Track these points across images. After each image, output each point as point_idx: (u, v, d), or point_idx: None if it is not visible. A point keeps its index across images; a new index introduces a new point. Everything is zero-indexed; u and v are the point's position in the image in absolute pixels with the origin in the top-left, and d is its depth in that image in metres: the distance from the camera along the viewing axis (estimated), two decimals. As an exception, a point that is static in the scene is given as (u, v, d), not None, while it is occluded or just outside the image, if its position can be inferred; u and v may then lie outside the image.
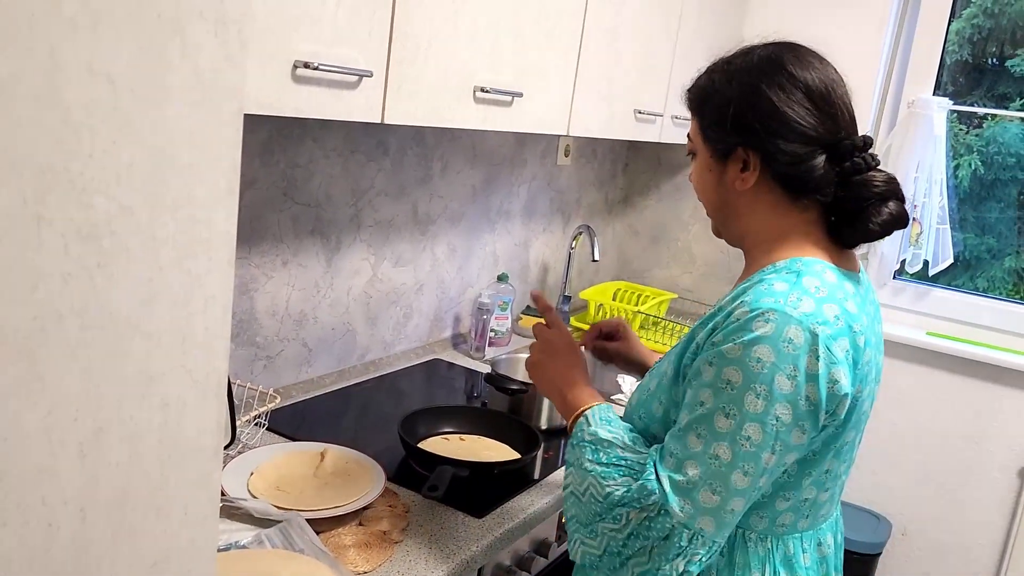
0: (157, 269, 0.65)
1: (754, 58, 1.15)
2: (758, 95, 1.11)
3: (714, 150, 1.18)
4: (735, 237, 1.23)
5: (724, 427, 1.03)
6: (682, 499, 1.04)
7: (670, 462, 1.06)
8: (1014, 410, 2.58)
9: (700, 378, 1.06)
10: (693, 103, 1.21)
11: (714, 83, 1.17)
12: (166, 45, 0.62)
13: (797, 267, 1.10)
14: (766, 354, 1.01)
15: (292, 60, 1.17)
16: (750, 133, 1.12)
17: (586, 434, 1.16)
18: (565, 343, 1.33)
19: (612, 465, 1.11)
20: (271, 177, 1.70)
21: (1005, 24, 2.64)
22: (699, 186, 1.23)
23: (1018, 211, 2.68)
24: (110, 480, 0.66)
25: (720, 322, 1.07)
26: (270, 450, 1.49)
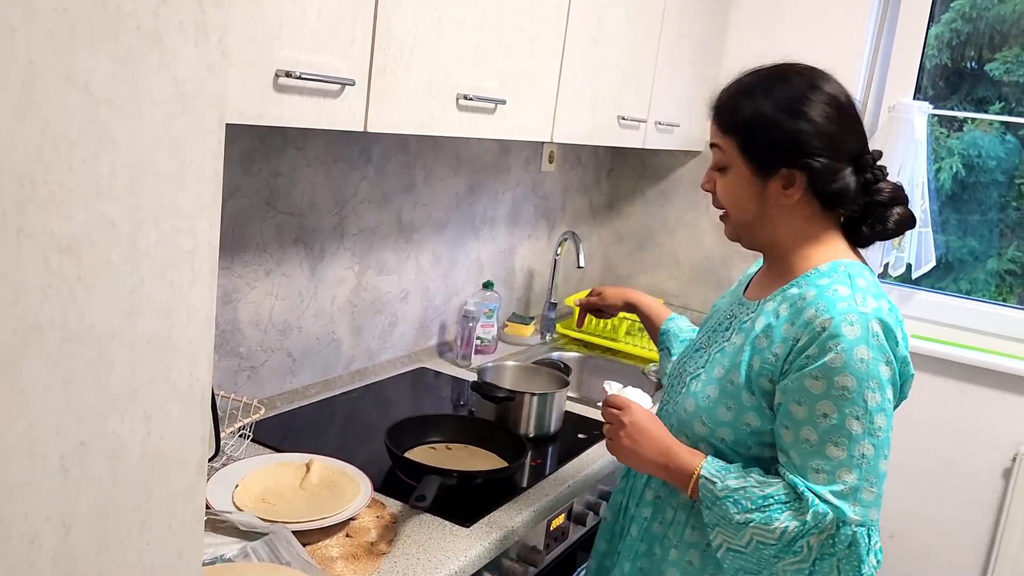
0: (139, 281, 0.65)
1: (793, 82, 1.22)
2: (806, 117, 1.20)
3: (756, 167, 1.23)
4: (762, 244, 1.30)
5: (858, 429, 1.13)
6: (851, 504, 1.14)
7: (821, 478, 1.15)
8: (998, 412, 2.59)
9: (809, 393, 1.14)
10: (732, 125, 1.25)
11: (759, 107, 1.21)
12: (145, 55, 0.61)
13: (842, 269, 1.21)
14: (865, 352, 1.12)
15: (274, 69, 1.17)
16: (798, 155, 1.20)
17: (716, 492, 1.20)
18: (640, 416, 1.31)
19: (763, 508, 1.16)
20: (253, 186, 1.69)
21: (983, 28, 2.66)
22: (732, 199, 1.27)
23: (999, 213, 2.71)
24: (93, 494, 0.65)
25: (798, 333, 1.16)
26: (255, 462, 1.48)
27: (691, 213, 2.97)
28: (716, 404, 1.25)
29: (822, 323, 1.14)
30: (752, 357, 1.22)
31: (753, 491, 1.18)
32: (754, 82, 1.25)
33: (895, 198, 1.25)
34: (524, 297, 2.77)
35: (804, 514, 1.14)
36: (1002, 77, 2.65)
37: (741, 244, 1.33)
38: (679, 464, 1.25)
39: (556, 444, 1.85)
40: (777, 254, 1.29)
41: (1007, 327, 2.63)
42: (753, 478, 1.19)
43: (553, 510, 1.60)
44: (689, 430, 1.29)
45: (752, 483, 1.18)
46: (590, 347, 2.66)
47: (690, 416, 1.29)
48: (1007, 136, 2.68)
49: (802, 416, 1.15)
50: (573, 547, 1.75)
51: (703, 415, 1.27)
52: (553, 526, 1.62)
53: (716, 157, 1.28)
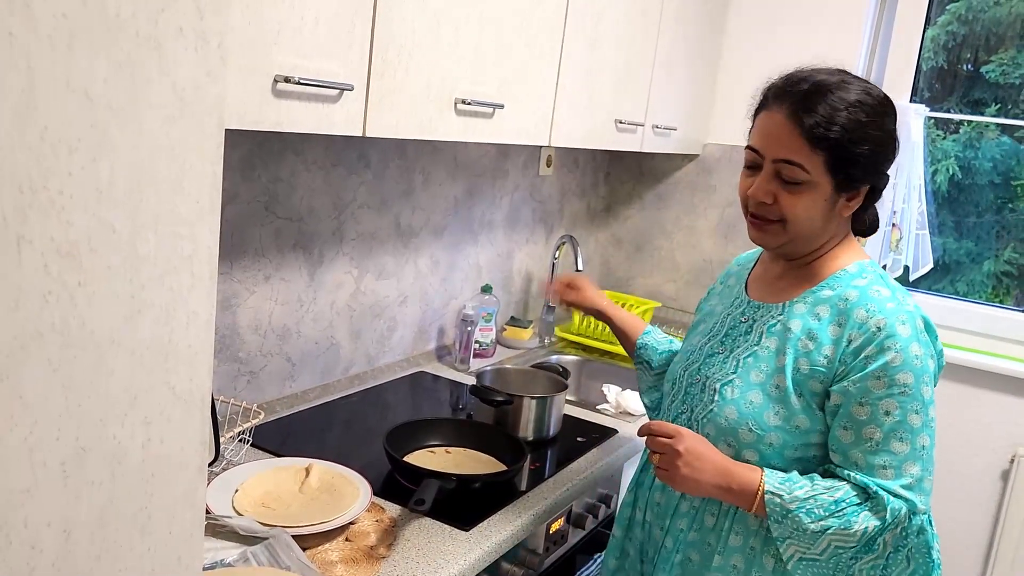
0: (139, 286, 0.65)
1: (877, 96, 1.23)
2: (893, 139, 1.24)
3: (840, 183, 1.22)
4: (807, 251, 1.30)
5: (918, 422, 1.18)
6: (918, 495, 1.19)
7: (888, 473, 1.19)
8: (995, 413, 2.60)
9: (871, 393, 1.18)
10: (825, 140, 1.18)
11: (860, 122, 1.19)
12: (144, 61, 0.62)
13: (871, 269, 1.26)
14: (918, 349, 1.18)
15: (272, 74, 1.17)
16: (881, 173, 1.26)
17: (786, 504, 1.20)
18: (694, 441, 1.27)
19: (838, 513, 1.18)
20: (252, 191, 1.69)
21: (979, 31, 2.67)
22: (805, 213, 1.23)
23: (995, 215, 2.71)
24: (93, 499, 0.65)
25: (851, 335, 1.19)
26: (255, 466, 1.48)
27: (689, 216, 2.97)
28: (762, 409, 1.25)
29: (876, 323, 1.18)
30: (797, 360, 1.24)
31: (823, 498, 1.19)
32: (842, 93, 1.19)
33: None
34: (522, 301, 2.77)
35: (882, 512, 1.17)
36: (998, 79, 2.66)
37: (781, 251, 1.30)
38: (741, 483, 1.23)
39: (555, 447, 1.85)
40: (811, 258, 1.30)
41: (1004, 329, 2.64)
42: (819, 484, 1.20)
43: (552, 513, 1.60)
44: (732, 438, 1.28)
45: (820, 490, 1.20)
46: (588, 350, 2.66)
47: (733, 424, 1.27)
48: (1003, 138, 2.68)
49: (864, 416, 1.18)
50: (572, 550, 1.75)
51: (749, 422, 1.26)
52: (552, 529, 1.62)
53: (792, 173, 1.21)
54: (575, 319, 2.73)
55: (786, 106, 1.21)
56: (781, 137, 1.21)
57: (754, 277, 1.41)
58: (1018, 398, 2.57)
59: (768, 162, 1.23)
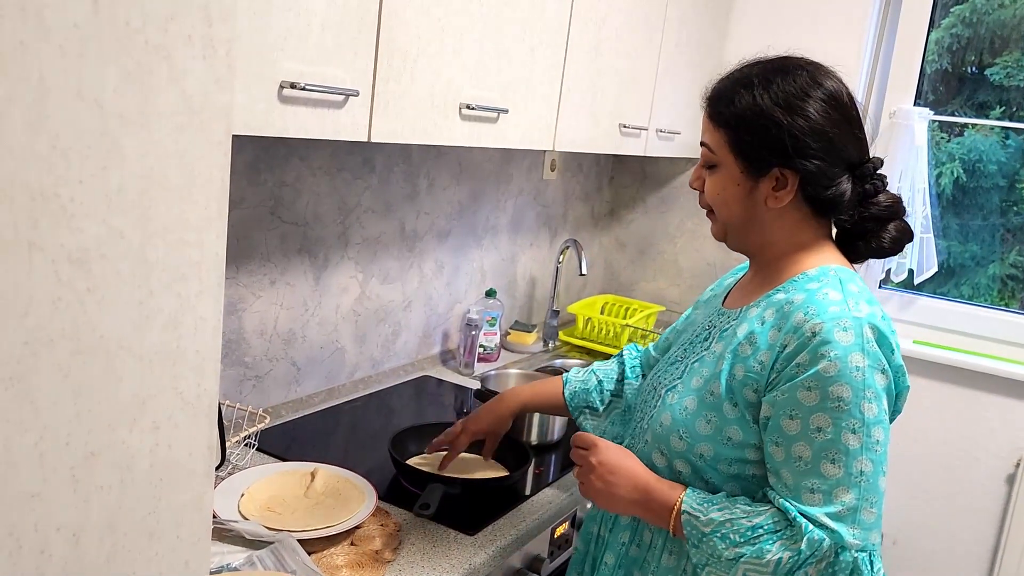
0: (148, 292, 0.66)
1: (795, 77, 1.14)
2: (804, 115, 1.12)
3: (747, 166, 1.15)
4: (750, 247, 1.23)
5: (855, 443, 1.04)
6: (849, 527, 1.05)
7: (816, 498, 1.05)
8: (1001, 417, 2.59)
9: (801, 405, 1.05)
10: (724, 117, 1.17)
11: (756, 100, 1.13)
12: (154, 70, 0.62)
13: (832, 274, 1.14)
14: (860, 360, 1.04)
15: (278, 80, 1.18)
16: (794, 155, 1.12)
17: (701, 527, 1.10)
18: (610, 453, 1.20)
19: (752, 540, 1.06)
20: (258, 196, 1.70)
21: (983, 33, 2.67)
22: (719, 198, 1.19)
23: (1000, 218, 2.71)
24: (102, 504, 0.66)
25: (786, 339, 1.08)
26: (260, 471, 1.49)
27: (692, 220, 2.97)
28: (695, 417, 1.16)
29: (812, 328, 1.06)
30: (734, 366, 1.14)
31: (741, 522, 1.08)
32: (752, 73, 1.16)
33: (893, 212, 1.18)
34: (526, 305, 2.77)
35: (797, 542, 1.04)
36: (1003, 82, 2.66)
37: (727, 245, 1.24)
38: (659, 500, 1.15)
39: (559, 452, 1.86)
40: (765, 259, 1.21)
41: (1010, 332, 2.63)
42: (739, 508, 1.09)
43: (557, 518, 1.61)
44: (665, 445, 1.19)
45: (739, 513, 1.09)
46: (592, 354, 2.66)
47: (666, 430, 1.19)
48: (1008, 140, 2.68)
49: (794, 431, 1.06)
50: (577, 554, 1.75)
51: (680, 429, 1.17)
52: (557, 534, 1.63)
53: (704, 154, 1.20)
54: (579, 323, 2.74)
55: (706, 91, 1.23)
56: (703, 121, 1.22)
57: (736, 286, 1.33)
58: (1022, 401, 2.56)
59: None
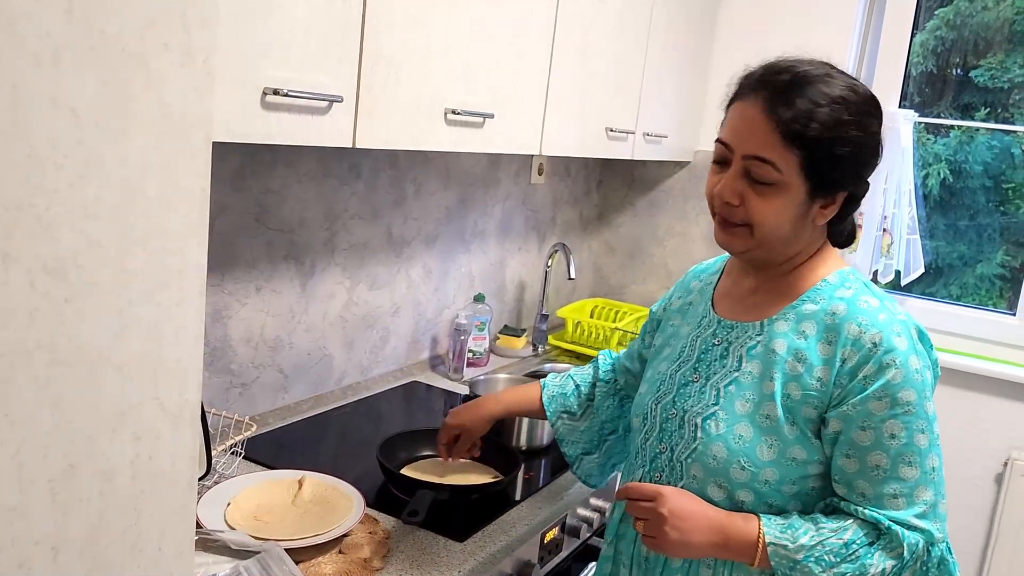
0: (127, 302, 0.65)
1: (863, 94, 1.11)
2: (877, 143, 1.12)
3: (816, 189, 1.10)
4: (778, 259, 1.18)
5: (925, 442, 1.09)
6: (933, 522, 1.09)
7: (899, 503, 1.08)
8: (989, 417, 2.60)
9: (873, 416, 1.07)
10: (802, 138, 1.07)
11: (842, 122, 1.07)
12: (131, 78, 0.62)
13: (851, 278, 1.16)
14: (916, 362, 1.08)
15: (261, 87, 1.17)
16: (861, 180, 1.13)
17: (791, 556, 1.07)
18: (677, 500, 1.13)
19: (849, 557, 1.06)
20: (243, 203, 1.69)
21: (968, 35, 2.69)
22: (775, 218, 1.11)
23: (987, 218, 2.72)
24: (82, 517, 0.65)
25: (845, 353, 1.08)
26: (247, 479, 1.48)
27: (681, 223, 2.98)
28: (754, 444, 1.12)
29: (871, 338, 1.07)
30: (787, 385, 1.11)
31: (831, 542, 1.06)
32: (824, 89, 1.07)
33: None
34: (515, 309, 2.77)
35: (897, 549, 1.06)
36: (987, 83, 2.67)
37: (747, 258, 1.19)
38: (738, 536, 1.10)
39: (549, 457, 1.85)
40: (786, 268, 1.18)
41: (998, 332, 2.65)
42: (825, 527, 1.08)
43: (547, 523, 1.60)
44: (723, 479, 1.14)
45: (826, 533, 1.07)
46: (582, 358, 2.66)
47: (723, 463, 1.13)
48: (993, 141, 2.70)
49: (868, 441, 1.07)
50: (568, 560, 1.75)
51: (741, 459, 1.12)
52: (547, 539, 1.62)
53: (761, 172, 1.09)
54: (568, 327, 2.73)
55: (762, 97, 1.08)
56: (754, 131, 1.08)
57: (722, 292, 1.27)
58: (1011, 401, 2.57)
59: (738, 158, 1.10)
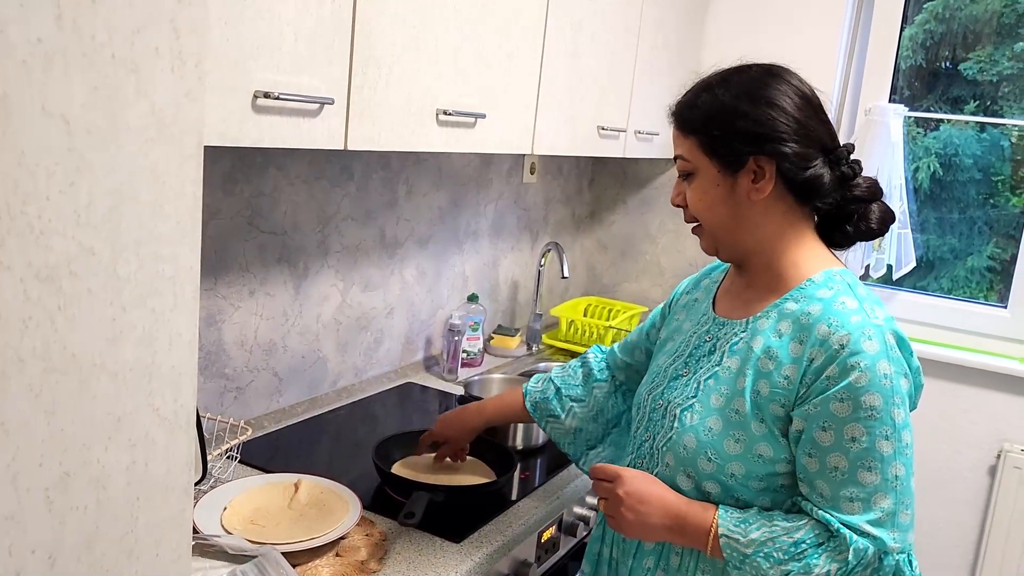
0: (120, 309, 0.65)
1: (752, 72, 1.17)
2: (769, 103, 1.14)
3: (723, 165, 1.16)
4: (743, 252, 1.21)
5: (889, 449, 1.07)
6: (890, 531, 1.07)
7: (855, 507, 1.07)
8: (981, 409, 2.62)
9: (835, 417, 1.07)
10: (691, 123, 1.19)
11: (718, 98, 1.16)
12: (122, 84, 0.61)
13: (838, 278, 1.15)
14: (887, 367, 1.06)
15: (252, 90, 1.17)
16: (764, 140, 1.13)
17: (742, 548, 1.10)
18: (636, 482, 1.19)
19: (797, 556, 1.07)
20: (235, 206, 1.69)
21: (956, 28, 2.70)
22: (702, 205, 1.19)
23: (978, 210, 2.73)
24: (79, 525, 0.65)
25: (812, 353, 1.08)
26: (243, 483, 1.47)
27: (673, 220, 2.98)
28: (722, 437, 1.14)
29: (839, 340, 1.07)
30: (757, 381, 1.13)
31: (782, 539, 1.08)
32: (710, 79, 1.20)
33: (874, 193, 1.19)
34: (509, 309, 2.77)
35: (843, 553, 1.06)
36: (976, 76, 2.68)
37: (719, 257, 1.24)
38: (694, 523, 1.14)
39: (544, 456, 1.85)
40: (761, 263, 1.20)
41: (989, 325, 2.66)
42: (778, 524, 1.10)
43: (543, 522, 1.60)
44: (692, 468, 1.17)
45: (779, 531, 1.09)
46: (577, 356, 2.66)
47: (692, 453, 1.17)
48: (983, 134, 2.71)
49: (829, 442, 1.07)
50: (564, 558, 1.75)
51: (708, 450, 1.15)
52: (544, 538, 1.62)
53: (680, 166, 1.21)
54: (562, 326, 2.74)
55: (671, 109, 1.24)
56: (673, 136, 1.23)
57: (722, 291, 1.30)
58: (1003, 393, 2.59)
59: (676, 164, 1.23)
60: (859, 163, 1.19)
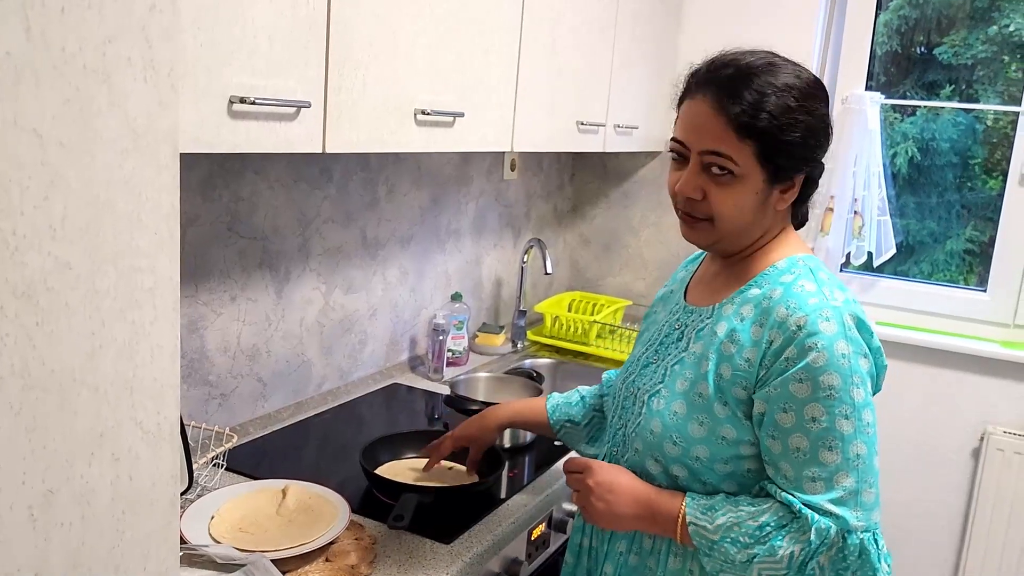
0: (99, 323, 0.64)
1: (807, 80, 1.14)
2: (825, 123, 1.15)
3: (773, 176, 1.13)
4: (740, 248, 1.21)
5: (849, 428, 1.07)
6: (853, 510, 1.07)
7: (817, 487, 1.08)
8: (964, 393, 2.64)
9: (795, 398, 1.07)
10: (753, 128, 1.10)
11: (787, 107, 1.10)
12: (94, 95, 0.61)
13: (801, 263, 1.17)
14: (844, 347, 1.07)
15: (228, 95, 1.16)
16: (815, 160, 1.16)
17: (709, 535, 1.11)
18: (605, 472, 1.22)
19: (762, 539, 1.08)
20: (214, 212, 1.68)
21: (930, 13, 2.71)
22: (734, 209, 1.14)
23: (955, 194, 2.76)
24: (64, 542, 0.64)
25: (771, 335, 1.09)
26: (230, 491, 1.46)
27: (655, 213, 2.98)
28: (686, 420, 1.16)
29: (797, 321, 1.07)
30: (719, 365, 1.14)
31: (747, 524, 1.09)
32: (769, 79, 1.11)
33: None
34: (493, 306, 2.77)
35: (806, 533, 1.06)
36: (951, 61, 2.70)
37: (714, 250, 1.23)
38: (662, 511, 1.16)
39: (532, 453, 1.85)
40: (744, 256, 1.21)
41: (969, 309, 2.68)
42: (743, 509, 1.11)
43: (533, 519, 1.60)
44: (659, 452, 1.19)
45: (744, 515, 1.10)
46: (562, 352, 2.67)
47: (658, 437, 1.18)
48: (959, 118, 2.73)
49: (789, 423, 1.08)
50: (555, 554, 1.75)
51: (673, 434, 1.17)
52: (534, 535, 1.62)
53: (718, 163, 1.12)
54: (547, 322, 2.74)
55: (711, 93, 1.12)
56: (707, 127, 1.12)
57: (695, 280, 1.32)
58: (984, 376, 2.61)
59: (695, 154, 1.14)
60: None
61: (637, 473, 1.23)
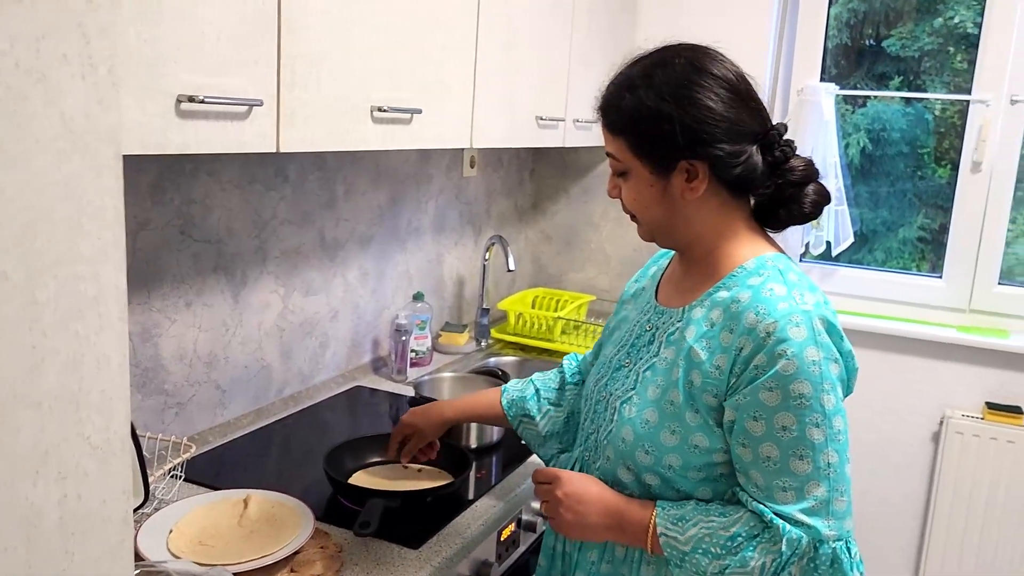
0: (40, 335, 0.61)
1: (676, 68, 1.13)
2: (696, 105, 1.10)
3: (654, 166, 1.14)
4: (679, 243, 1.21)
5: (820, 436, 1.06)
6: (824, 519, 1.06)
7: (788, 496, 1.07)
8: (923, 378, 2.68)
9: (765, 406, 1.06)
10: (618, 124, 1.16)
11: (642, 101, 1.12)
12: (27, 94, 0.57)
13: (770, 264, 1.14)
14: (815, 354, 1.05)
15: (175, 95, 1.12)
16: (696, 144, 1.11)
17: (680, 546, 1.10)
18: (574, 483, 1.21)
19: (734, 550, 1.07)
20: (165, 216, 1.63)
21: (879, 7, 2.75)
22: (637, 203, 1.18)
23: (907, 183, 2.79)
24: (8, 567, 0.61)
25: (741, 342, 1.07)
26: (189, 503, 1.42)
27: (616, 208, 2.97)
28: (658, 429, 1.14)
29: (766, 328, 1.06)
30: (690, 372, 1.12)
31: (719, 535, 1.08)
32: (633, 74, 1.15)
33: (807, 175, 1.17)
34: (456, 305, 2.74)
35: (777, 543, 1.05)
36: (899, 52, 2.74)
37: (662, 245, 1.25)
38: (633, 521, 1.15)
39: (500, 453, 1.83)
40: (698, 254, 1.20)
41: (925, 296, 2.72)
42: (714, 520, 1.10)
43: (502, 520, 1.58)
44: (631, 461, 1.17)
45: (715, 526, 1.09)
46: (526, 350, 2.65)
47: (630, 446, 1.17)
48: (908, 108, 2.76)
49: (760, 432, 1.06)
50: (525, 554, 1.73)
51: (645, 443, 1.15)
52: (503, 536, 1.60)
53: (612, 164, 1.19)
54: (510, 319, 2.72)
55: (597, 102, 1.21)
56: (602, 133, 1.21)
57: (665, 278, 1.30)
58: (941, 361, 2.65)
59: None
60: (791, 144, 1.17)
61: (609, 480, 1.22)
